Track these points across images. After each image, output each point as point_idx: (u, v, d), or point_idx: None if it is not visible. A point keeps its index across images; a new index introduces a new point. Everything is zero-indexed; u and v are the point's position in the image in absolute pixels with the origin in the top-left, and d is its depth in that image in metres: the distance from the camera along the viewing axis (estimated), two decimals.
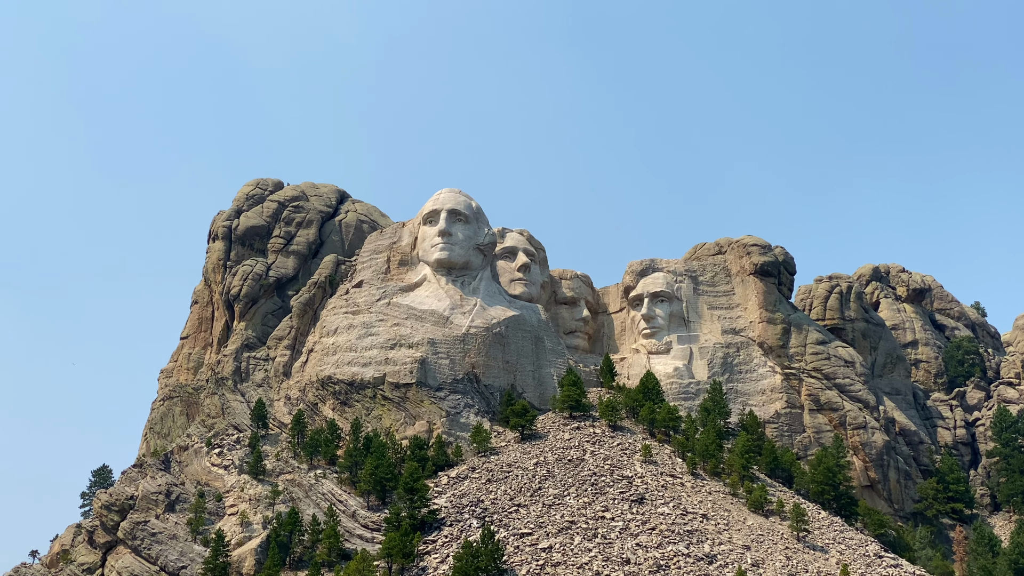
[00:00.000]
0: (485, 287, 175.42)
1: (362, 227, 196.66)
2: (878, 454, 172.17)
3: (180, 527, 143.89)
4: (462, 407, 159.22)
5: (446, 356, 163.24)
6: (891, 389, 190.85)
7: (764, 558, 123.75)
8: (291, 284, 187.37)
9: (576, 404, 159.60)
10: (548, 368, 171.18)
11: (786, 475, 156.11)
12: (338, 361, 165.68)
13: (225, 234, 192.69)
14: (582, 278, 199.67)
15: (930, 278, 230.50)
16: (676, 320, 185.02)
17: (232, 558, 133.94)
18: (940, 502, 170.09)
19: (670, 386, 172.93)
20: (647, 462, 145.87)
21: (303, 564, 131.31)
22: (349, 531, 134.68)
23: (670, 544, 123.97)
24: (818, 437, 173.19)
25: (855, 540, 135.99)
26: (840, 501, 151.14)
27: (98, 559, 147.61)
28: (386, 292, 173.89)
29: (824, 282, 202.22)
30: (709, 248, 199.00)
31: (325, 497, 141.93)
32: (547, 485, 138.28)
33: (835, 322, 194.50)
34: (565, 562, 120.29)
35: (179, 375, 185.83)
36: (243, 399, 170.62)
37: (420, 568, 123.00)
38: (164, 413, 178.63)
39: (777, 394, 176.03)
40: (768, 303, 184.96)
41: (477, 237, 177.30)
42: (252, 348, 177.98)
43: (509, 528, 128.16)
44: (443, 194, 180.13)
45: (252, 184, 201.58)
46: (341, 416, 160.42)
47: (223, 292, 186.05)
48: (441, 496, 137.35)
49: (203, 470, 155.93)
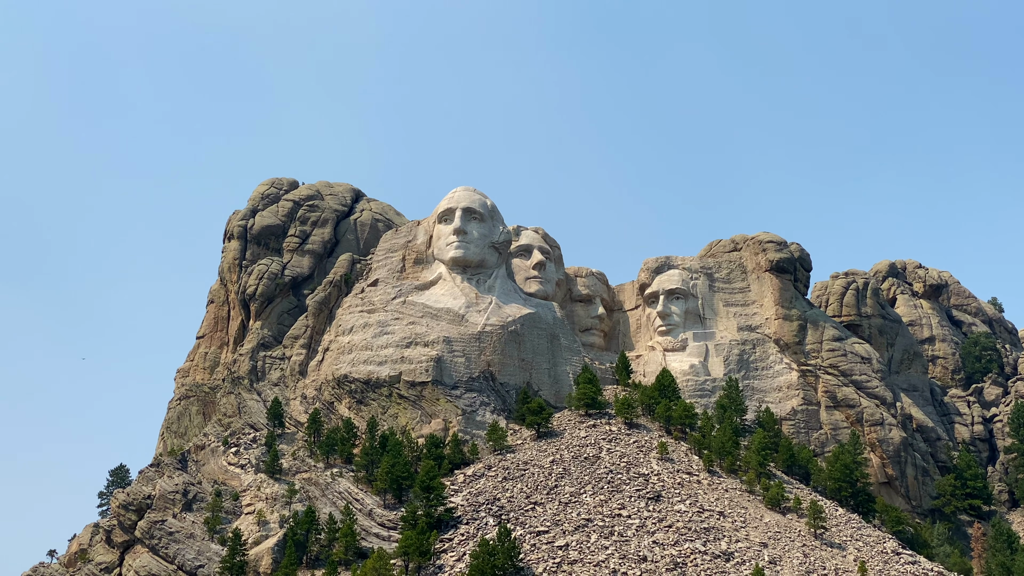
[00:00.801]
0: (500, 285, 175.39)
1: (377, 226, 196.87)
2: (895, 451, 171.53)
3: (197, 526, 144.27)
4: (478, 405, 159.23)
5: (462, 354, 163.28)
6: (908, 385, 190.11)
7: (781, 555, 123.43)
8: (307, 283, 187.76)
9: (592, 402, 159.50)
10: (564, 366, 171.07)
11: (803, 472, 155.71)
12: (354, 360, 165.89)
13: (241, 233, 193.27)
14: (597, 275, 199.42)
15: (947, 274, 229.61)
16: (692, 317, 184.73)
17: (249, 557, 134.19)
18: (958, 499, 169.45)
19: (686, 383, 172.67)
20: (663, 459, 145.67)
21: (320, 563, 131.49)
22: (366, 530, 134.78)
23: (687, 542, 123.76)
24: (835, 434, 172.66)
25: (872, 537, 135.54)
26: (857, 498, 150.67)
27: (116, 558, 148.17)
28: (401, 290, 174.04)
29: (840, 278, 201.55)
30: (725, 245, 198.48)
31: (341, 496, 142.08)
32: (563, 483, 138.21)
33: (851, 318, 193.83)
34: (582, 560, 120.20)
35: (195, 374, 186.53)
36: (259, 398, 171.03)
37: (437, 566, 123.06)
38: (181, 412, 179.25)
39: (794, 391, 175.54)
40: (784, 300, 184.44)
41: (492, 235, 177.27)
42: (268, 347, 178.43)
43: (525, 526, 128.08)
44: (458, 192, 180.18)
45: (267, 183, 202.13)
46: (357, 415, 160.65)
47: (239, 291, 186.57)
48: (457, 494, 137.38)
49: (220, 469, 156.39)
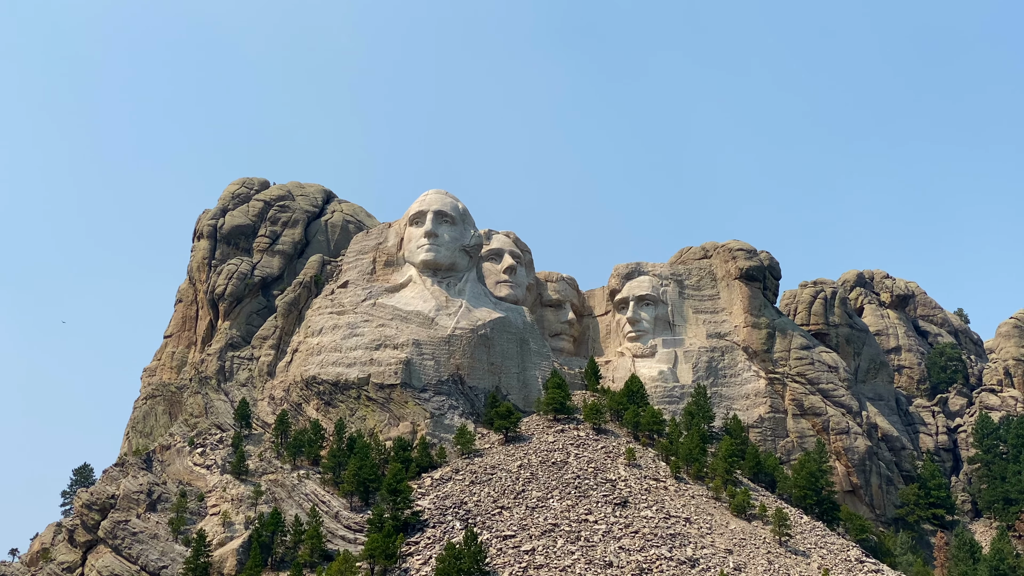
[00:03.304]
0: (471, 289, 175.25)
1: (348, 227, 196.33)
2: (860, 459, 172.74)
3: (161, 527, 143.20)
4: (446, 408, 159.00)
5: (431, 357, 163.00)
6: (874, 395, 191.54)
7: (746, 562, 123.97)
8: (276, 284, 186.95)
9: (560, 407, 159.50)
10: (533, 370, 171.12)
11: (769, 480, 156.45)
12: (323, 361, 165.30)
13: (210, 233, 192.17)
14: (568, 281, 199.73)
15: (914, 284, 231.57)
16: (661, 324, 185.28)
17: (213, 558, 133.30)
18: (921, 508, 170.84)
19: (654, 389, 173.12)
20: (631, 465, 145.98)
21: (285, 565, 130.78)
22: (332, 532, 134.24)
23: (653, 547, 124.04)
24: (801, 442, 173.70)
25: (836, 545, 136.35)
26: (822, 506, 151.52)
27: (78, 558, 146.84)
28: (371, 293, 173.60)
29: (809, 287, 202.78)
30: (695, 252, 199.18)
31: (308, 498, 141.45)
32: (531, 488, 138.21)
33: (819, 327, 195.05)
34: (548, 565, 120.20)
35: (162, 374, 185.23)
36: (227, 398, 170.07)
37: (403, 570, 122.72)
38: (147, 412, 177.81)
39: (761, 399, 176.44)
40: (753, 308, 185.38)
41: (463, 239, 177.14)
42: (236, 347, 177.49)
43: (492, 530, 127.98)
44: (430, 195, 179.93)
45: (238, 183, 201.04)
46: (325, 416, 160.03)
47: (208, 291, 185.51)
48: (424, 498, 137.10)
49: (185, 470, 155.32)
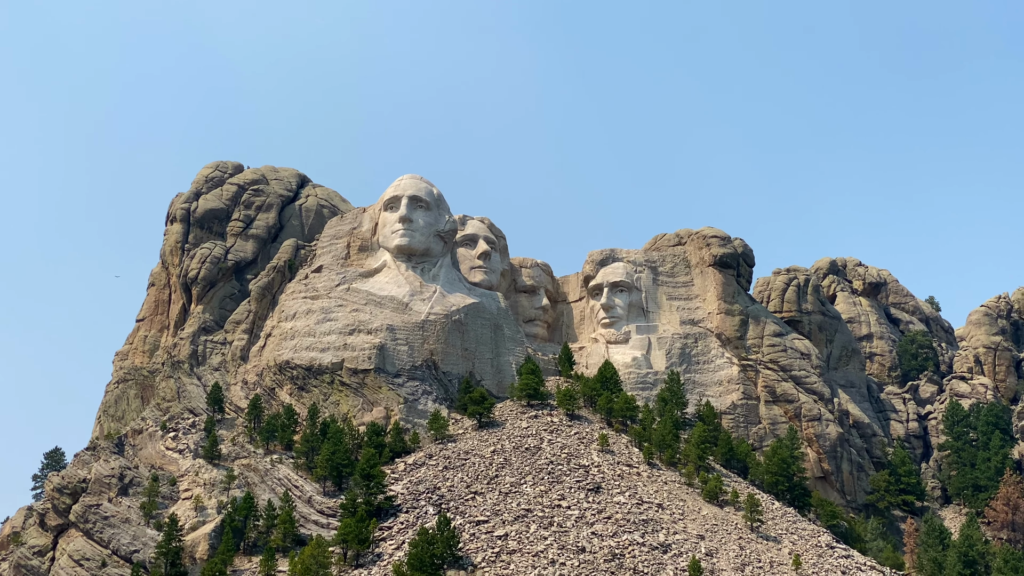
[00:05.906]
0: (445, 274, 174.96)
1: (322, 212, 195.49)
2: (831, 446, 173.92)
3: (133, 511, 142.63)
4: (420, 394, 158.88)
5: (405, 342, 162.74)
6: (846, 382, 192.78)
7: (718, 548, 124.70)
8: (250, 268, 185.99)
9: (534, 392, 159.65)
10: (507, 356, 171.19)
11: (741, 466, 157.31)
12: (296, 346, 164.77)
13: (183, 216, 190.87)
14: (542, 266, 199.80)
15: (886, 272, 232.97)
16: (635, 310, 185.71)
17: (185, 543, 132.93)
18: (892, 494, 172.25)
19: (628, 376, 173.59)
20: (604, 451, 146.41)
21: (257, 549, 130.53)
22: (305, 517, 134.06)
23: (625, 533, 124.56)
24: (773, 428, 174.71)
25: (807, 531, 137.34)
26: (794, 492, 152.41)
27: (49, 542, 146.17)
28: (345, 277, 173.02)
29: (782, 274, 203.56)
30: (669, 239, 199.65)
31: (281, 482, 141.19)
32: (504, 473, 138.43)
33: (792, 314, 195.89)
34: (521, 550, 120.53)
35: (134, 358, 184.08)
36: (199, 383, 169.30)
37: (375, 554, 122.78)
38: (119, 396, 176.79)
39: (734, 385, 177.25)
40: (727, 295, 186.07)
41: (438, 224, 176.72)
42: (209, 332, 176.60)
43: (465, 515, 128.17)
44: (404, 180, 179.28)
45: (212, 166, 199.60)
46: (298, 401, 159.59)
47: (181, 275, 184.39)
48: (397, 483, 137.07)
49: (157, 454, 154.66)
